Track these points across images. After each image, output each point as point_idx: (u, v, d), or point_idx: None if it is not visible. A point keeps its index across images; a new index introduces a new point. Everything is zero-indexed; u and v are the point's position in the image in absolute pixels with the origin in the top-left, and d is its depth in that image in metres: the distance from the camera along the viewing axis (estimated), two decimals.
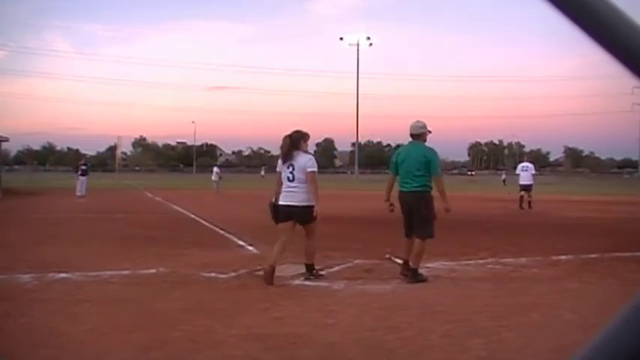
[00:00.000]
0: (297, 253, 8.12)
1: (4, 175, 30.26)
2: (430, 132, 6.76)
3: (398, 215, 6.66)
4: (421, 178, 6.45)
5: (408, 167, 6.50)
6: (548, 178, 70.56)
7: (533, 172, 19.01)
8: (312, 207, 6.41)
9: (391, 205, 6.72)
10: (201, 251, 8.35)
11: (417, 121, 6.77)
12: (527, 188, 18.47)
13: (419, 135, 6.69)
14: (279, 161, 6.63)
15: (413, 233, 6.53)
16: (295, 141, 6.51)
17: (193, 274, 6.59)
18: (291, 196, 6.41)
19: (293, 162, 6.41)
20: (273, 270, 6.20)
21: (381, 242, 8.20)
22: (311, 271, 6.57)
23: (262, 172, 58.90)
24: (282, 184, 6.49)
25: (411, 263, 6.42)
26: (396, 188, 6.66)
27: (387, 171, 8.53)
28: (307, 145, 6.69)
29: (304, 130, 6.66)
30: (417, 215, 6.47)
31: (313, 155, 6.80)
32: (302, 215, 6.42)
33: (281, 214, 6.50)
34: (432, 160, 6.47)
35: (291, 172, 6.41)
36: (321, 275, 6.59)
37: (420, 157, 6.47)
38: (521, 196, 18.36)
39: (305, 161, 6.42)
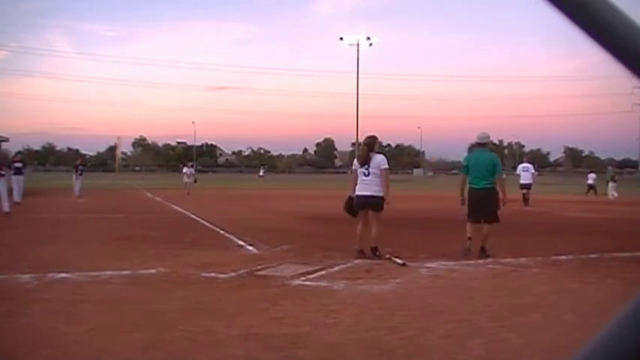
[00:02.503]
0: (297, 254, 8.14)
1: None
2: (491, 141, 8.51)
3: (397, 216, 6.68)
4: (489, 178, 8.05)
5: (479, 169, 8.09)
6: (548, 178, 70.56)
7: (533, 171, 20.67)
8: (382, 197, 7.80)
9: (462, 199, 8.34)
10: (201, 251, 8.35)
11: (482, 132, 8.40)
12: (527, 187, 19.91)
13: (485, 143, 8.39)
14: (355, 161, 8.17)
15: (479, 220, 8.08)
16: (371, 145, 8.01)
17: (193, 274, 6.59)
18: (365, 187, 7.83)
19: (369, 161, 7.85)
20: (362, 251, 7.73)
21: (382, 242, 8.19)
22: (374, 252, 7.71)
23: (261, 172, 58.73)
24: (357, 178, 7.94)
25: (482, 243, 7.94)
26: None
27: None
28: (378, 146, 8.19)
29: (373, 134, 8.25)
30: (487, 206, 8.03)
31: (384, 154, 8.17)
32: (374, 203, 7.82)
33: (358, 203, 7.95)
34: (496, 164, 8.18)
35: (366, 169, 7.85)
36: (381, 257, 7.62)
37: (488, 160, 8.13)
38: (524, 194, 19.29)
39: (379, 160, 7.88)
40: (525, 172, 20.13)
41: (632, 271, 7.19)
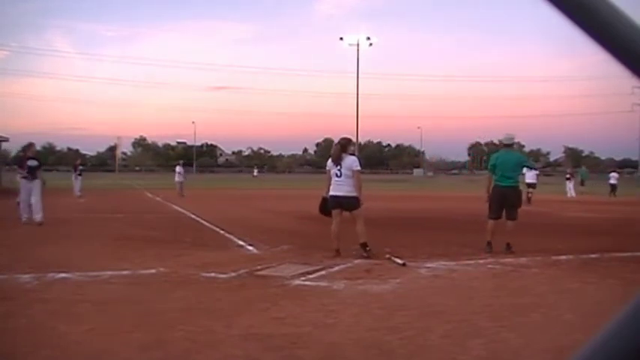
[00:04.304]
0: (297, 254, 8.14)
1: (3, 175, 30.19)
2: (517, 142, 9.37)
3: (398, 216, 6.68)
4: (515, 177, 8.60)
5: (506, 168, 8.47)
6: (548, 178, 70.46)
7: (537, 171, 22.14)
8: (355, 197, 7.93)
9: (489, 196, 8.64)
10: (201, 251, 8.35)
11: (508, 134, 8.92)
12: (532, 186, 21.22)
13: (511, 144, 8.92)
14: (329, 161, 8.18)
15: (499, 216, 8.49)
16: (344, 146, 8.13)
17: (193, 274, 6.59)
18: (338, 188, 7.98)
19: (341, 162, 7.96)
20: (338, 251, 7.81)
21: (381, 242, 8.19)
22: (364, 248, 7.76)
23: (255, 172, 59.01)
24: (330, 178, 8.07)
25: (508, 240, 8.30)
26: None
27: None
28: (351, 148, 8.38)
29: (348, 136, 8.51)
30: (510, 203, 8.47)
31: (356, 156, 8.34)
32: (347, 203, 7.97)
33: (331, 202, 8.10)
34: (521, 164, 8.81)
35: (339, 170, 7.97)
36: (371, 253, 7.70)
37: (515, 160, 8.64)
38: (527, 192, 20.09)
39: (351, 162, 7.98)
40: (529, 172, 20.66)
41: (632, 271, 7.19)
